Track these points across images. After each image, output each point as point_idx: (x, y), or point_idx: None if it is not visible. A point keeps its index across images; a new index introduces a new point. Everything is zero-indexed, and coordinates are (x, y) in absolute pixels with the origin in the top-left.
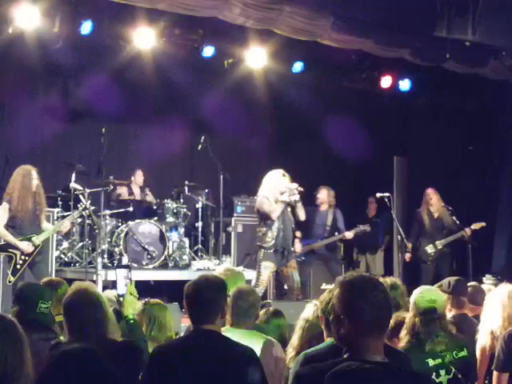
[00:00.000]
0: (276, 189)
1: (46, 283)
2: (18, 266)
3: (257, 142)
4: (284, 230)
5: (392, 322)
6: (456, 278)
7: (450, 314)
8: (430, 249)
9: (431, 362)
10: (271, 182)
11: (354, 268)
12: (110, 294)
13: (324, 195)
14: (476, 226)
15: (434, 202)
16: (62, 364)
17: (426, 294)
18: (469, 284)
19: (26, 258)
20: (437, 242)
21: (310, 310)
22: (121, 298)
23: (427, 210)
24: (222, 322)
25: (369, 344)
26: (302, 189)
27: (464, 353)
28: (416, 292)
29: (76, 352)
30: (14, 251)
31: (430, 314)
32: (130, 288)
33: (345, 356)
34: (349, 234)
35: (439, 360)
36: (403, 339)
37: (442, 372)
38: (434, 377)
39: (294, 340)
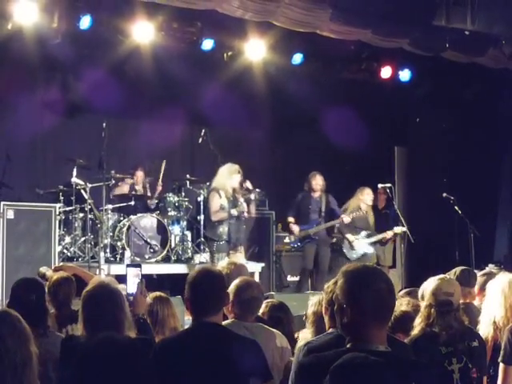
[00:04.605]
0: (228, 184)
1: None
2: None
3: (257, 134)
4: (233, 221)
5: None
6: (462, 267)
7: None
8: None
9: (444, 350)
10: (224, 177)
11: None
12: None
13: (321, 181)
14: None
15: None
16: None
17: (444, 285)
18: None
19: None
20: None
21: (316, 303)
22: (130, 297)
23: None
24: (222, 315)
25: (371, 333)
26: (251, 187)
27: (476, 343)
28: (433, 282)
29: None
30: None
31: (446, 306)
32: (141, 287)
33: (347, 346)
34: (346, 219)
35: (451, 348)
36: (417, 327)
37: (454, 360)
38: (446, 364)
39: (306, 332)
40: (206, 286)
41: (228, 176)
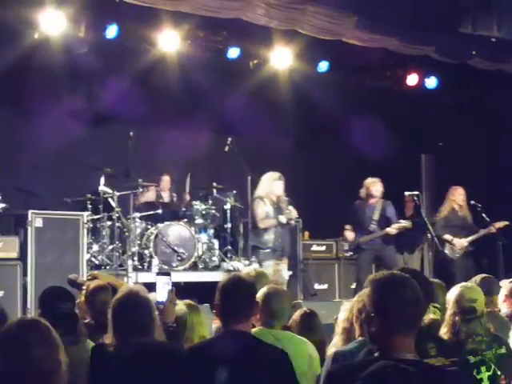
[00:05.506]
0: (270, 192)
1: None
2: None
3: (282, 142)
4: (279, 229)
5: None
6: (483, 275)
7: None
8: None
9: (472, 359)
10: (266, 185)
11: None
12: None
13: (380, 187)
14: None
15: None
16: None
17: (467, 292)
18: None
19: None
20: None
21: (348, 310)
22: (160, 306)
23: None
24: (251, 323)
25: (399, 342)
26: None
27: (503, 350)
28: (456, 290)
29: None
30: None
31: (470, 313)
32: (171, 296)
33: (376, 354)
34: (391, 230)
35: (479, 357)
36: (443, 337)
37: (483, 369)
38: (474, 373)
39: (337, 340)
40: (236, 293)
41: (270, 183)
